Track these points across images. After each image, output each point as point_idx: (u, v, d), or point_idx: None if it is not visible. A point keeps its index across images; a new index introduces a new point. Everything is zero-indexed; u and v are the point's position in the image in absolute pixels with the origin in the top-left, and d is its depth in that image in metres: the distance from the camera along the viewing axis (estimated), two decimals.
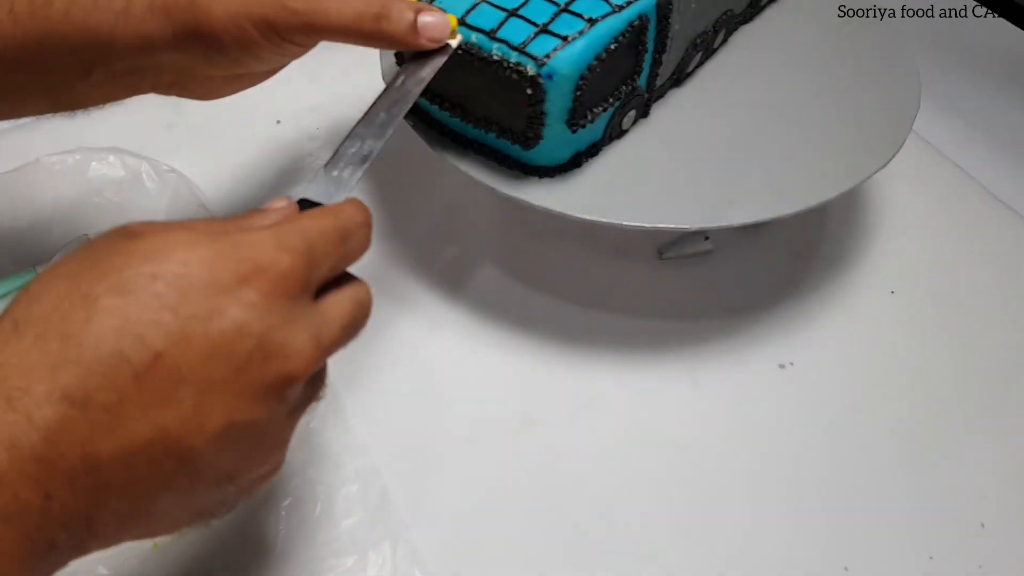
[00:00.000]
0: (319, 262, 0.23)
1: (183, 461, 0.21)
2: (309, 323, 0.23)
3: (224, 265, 0.21)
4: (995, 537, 0.36)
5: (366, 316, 0.26)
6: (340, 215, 0.25)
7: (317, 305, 0.24)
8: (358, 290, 0.26)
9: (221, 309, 0.21)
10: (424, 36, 0.31)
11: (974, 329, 0.44)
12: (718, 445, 0.39)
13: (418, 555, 0.34)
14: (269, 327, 0.21)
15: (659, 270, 0.45)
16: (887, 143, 0.39)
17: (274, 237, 0.23)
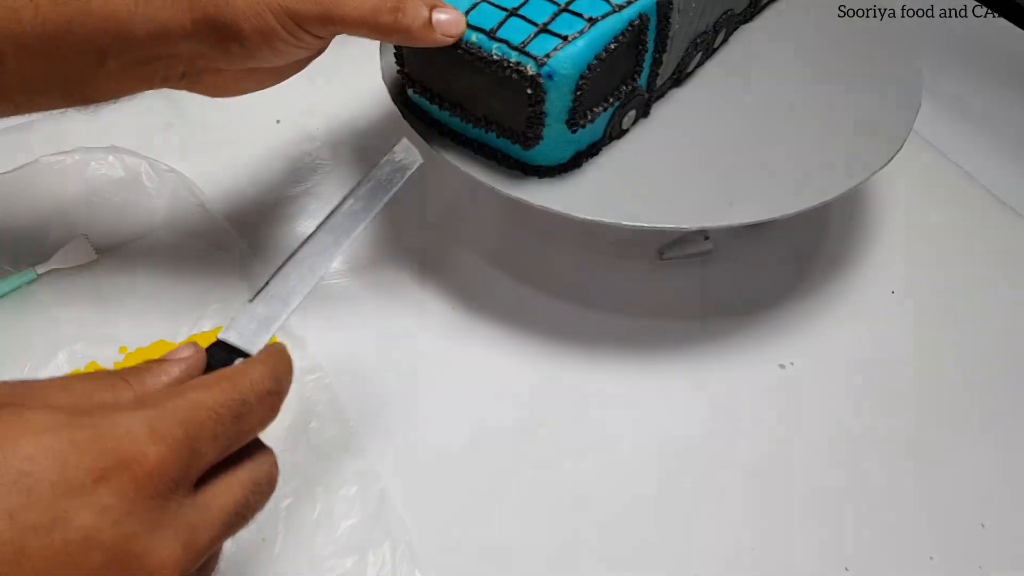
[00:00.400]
0: (203, 448, 0.21)
1: None
2: (180, 525, 0.20)
3: (78, 459, 0.18)
4: (996, 537, 0.36)
5: (264, 498, 0.23)
6: (240, 385, 0.22)
7: (196, 497, 0.21)
8: (259, 466, 0.23)
9: (66, 516, 0.18)
10: (439, 31, 0.32)
11: (975, 329, 0.44)
12: (718, 445, 0.39)
13: (417, 556, 0.34)
14: (126, 536, 0.19)
15: (659, 270, 0.45)
16: (888, 143, 0.39)
17: (147, 422, 0.20)
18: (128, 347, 0.40)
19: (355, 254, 0.45)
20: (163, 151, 0.46)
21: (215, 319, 0.41)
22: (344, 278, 0.44)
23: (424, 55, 0.35)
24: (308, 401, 0.38)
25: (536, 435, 0.38)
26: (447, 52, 0.34)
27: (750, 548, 0.35)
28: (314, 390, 0.39)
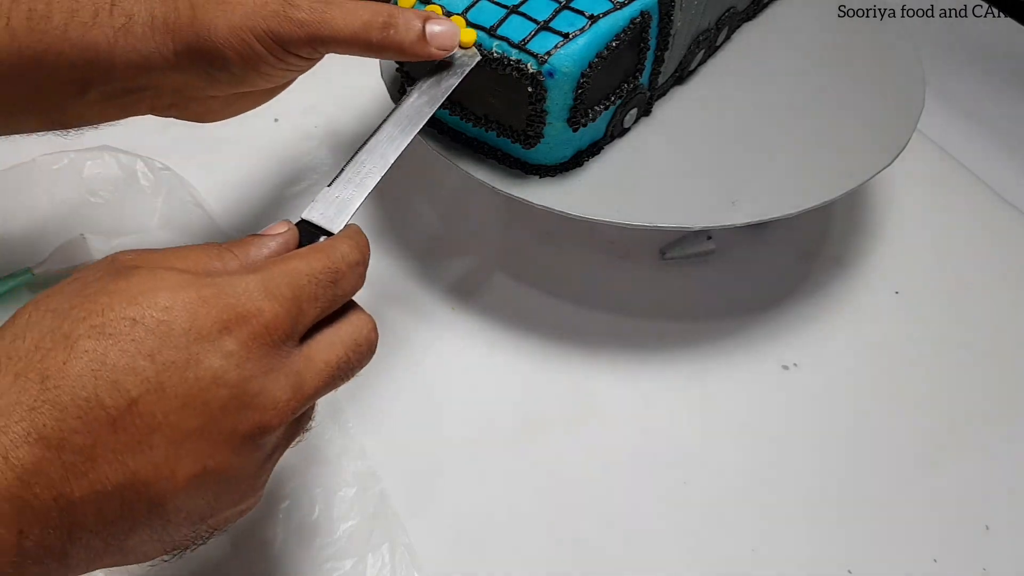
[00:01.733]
0: (306, 308, 0.23)
1: (154, 505, 0.21)
2: (290, 371, 0.23)
3: (206, 312, 0.21)
4: (999, 540, 0.36)
5: (363, 358, 0.26)
6: (332, 255, 0.25)
7: (303, 349, 0.23)
8: (357, 329, 0.25)
9: (198, 357, 0.21)
10: (433, 45, 0.30)
11: (979, 329, 0.44)
12: (721, 446, 0.38)
13: (416, 558, 0.33)
14: (246, 377, 0.21)
15: (661, 270, 0.45)
16: (892, 142, 0.39)
17: (261, 284, 0.22)
18: None
19: None
20: (161, 150, 0.46)
21: None
22: None
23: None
24: None
25: (536, 436, 0.38)
26: None
27: (753, 549, 0.35)
28: None
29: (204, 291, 0.21)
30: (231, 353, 0.21)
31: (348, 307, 0.26)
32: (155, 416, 0.20)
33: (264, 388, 0.22)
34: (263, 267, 0.23)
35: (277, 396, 0.22)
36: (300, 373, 0.23)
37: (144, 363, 0.20)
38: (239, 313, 0.22)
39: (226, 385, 0.21)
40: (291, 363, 0.23)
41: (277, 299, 0.22)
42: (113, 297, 0.21)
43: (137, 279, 0.21)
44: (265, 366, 0.22)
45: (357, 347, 0.25)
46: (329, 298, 0.24)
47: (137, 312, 0.21)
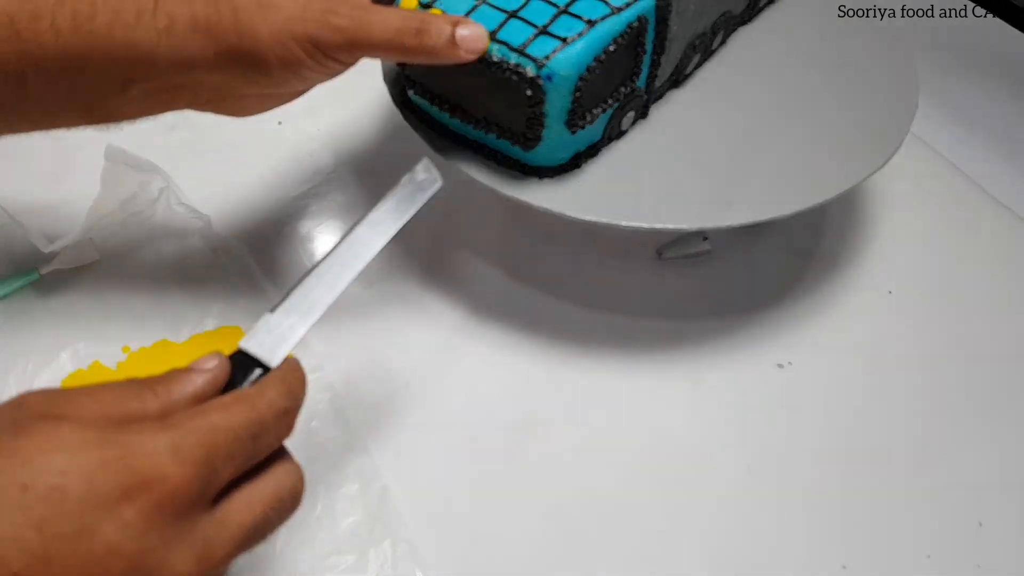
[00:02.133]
0: (220, 468, 0.22)
1: None
2: (196, 540, 0.21)
3: (105, 477, 0.20)
4: (993, 536, 0.36)
5: (284, 514, 0.24)
6: (257, 405, 0.23)
7: (215, 513, 0.22)
8: (280, 484, 0.23)
9: (92, 528, 0.19)
10: (463, 48, 0.31)
11: (972, 329, 0.44)
12: (717, 444, 0.39)
13: (418, 554, 0.34)
14: (144, 550, 0.20)
15: (658, 270, 0.46)
16: (885, 144, 0.39)
17: (170, 445, 0.21)
18: (131, 347, 0.40)
19: None
20: (165, 152, 0.46)
21: (218, 319, 0.41)
22: None
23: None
24: (310, 400, 0.38)
25: (536, 434, 0.39)
26: None
27: (747, 546, 0.35)
28: (315, 389, 0.39)
29: (106, 452, 0.20)
30: (129, 524, 0.20)
31: (274, 455, 0.24)
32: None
33: (164, 561, 0.20)
34: (177, 423, 0.22)
35: (179, 570, 0.20)
36: (208, 540, 0.21)
37: (30, 534, 0.19)
38: (142, 479, 0.20)
39: (121, 558, 0.20)
40: (198, 530, 0.21)
41: (187, 462, 0.21)
42: (8, 459, 0.20)
43: (36, 437, 0.20)
44: (166, 537, 0.20)
45: (279, 503, 0.23)
46: (248, 454, 0.23)
47: (29, 477, 0.19)
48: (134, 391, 0.22)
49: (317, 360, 0.40)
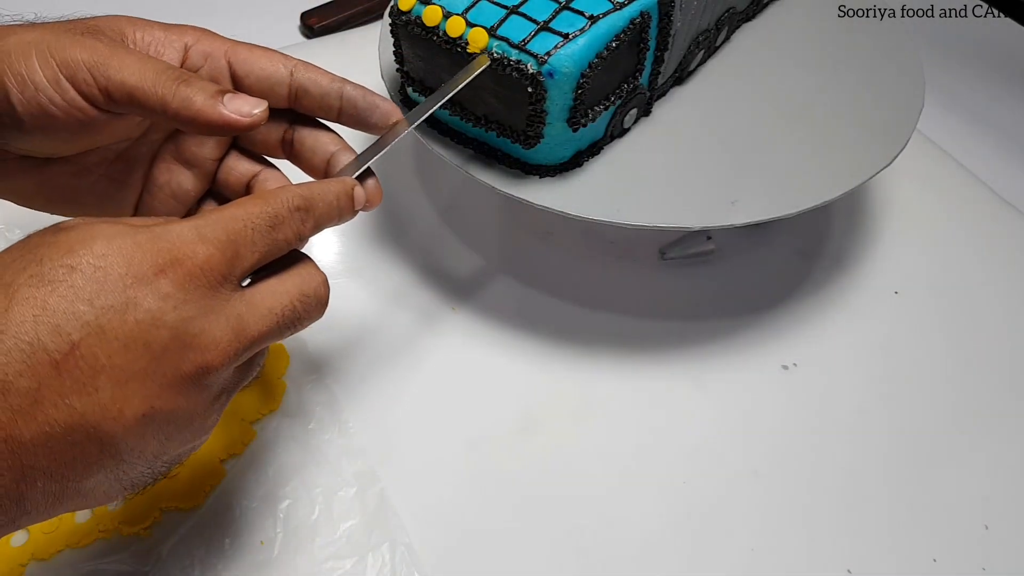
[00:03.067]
0: (243, 252, 0.24)
1: (104, 446, 0.21)
2: (231, 314, 0.23)
3: (141, 257, 0.22)
4: (998, 539, 0.36)
5: (312, 310, 0.26)
6: (271, 201, 0.25)
7: (244, 294, 0.24)
8: (305, 281, 0.25)
9: (136, 300, 0.21)
10: (229, 107, 0.26)
11: (979, 329, 0.44)
12: (721, 446, 0.38)
13: (416, 558, 0.33)
14: (185, 318, 0.22)
15: (661, 270, 0.45)
16: (891, 142, 0.39)
17: (194, 228, 0.23)
18: None
19: (355, 254, 0.45)
20: None
21: None
22: (344, 278, 0.44)
23: (424, 54, 0.35)
24: (307, 402, 0.38)
25: (536, 436, 0.38)
26: (447, 51, 0.34)
27: (752, 549, 0.35)
28: (313, 391, 0.38)
29: (138, 237, 0.22)
30: (168, 295, 0.22)
31: (298, 260, 0.26)
32: (98, 358, 0.21)
33: (204, 329, 0.22)
34: (199, 215, 0.24)
35: (218, 337, 0.22)
36: (242, 316, 0.23)
37: (83, 308, 0.21)
38: (173, 256, 0.22)
39: (165, 326, 0.21)
40: (231, 306, 0.23)
41: (211, 242, 0.23)
42: (51, 248, 0.21)
43: (75, 232, 0.22)
44: (203, 307, 0.22)
45: (304, 298, 0.25)
46: (268, 243, 0.24)
47: (74, 260, 0.21)
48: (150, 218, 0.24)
49: (315, 363, 0.40)
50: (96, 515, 0.34)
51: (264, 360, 0.26)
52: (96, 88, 0.26)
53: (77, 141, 0.28)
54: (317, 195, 0.26)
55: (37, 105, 0.26)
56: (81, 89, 0.26)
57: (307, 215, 0.26)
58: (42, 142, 0.27)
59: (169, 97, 0.26)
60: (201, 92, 0.26)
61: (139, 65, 0.26)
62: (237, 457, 0.36)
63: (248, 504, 0.35)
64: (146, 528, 0.34)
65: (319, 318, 0.26)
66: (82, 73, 0.26)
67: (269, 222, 0.24)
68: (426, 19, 0.34)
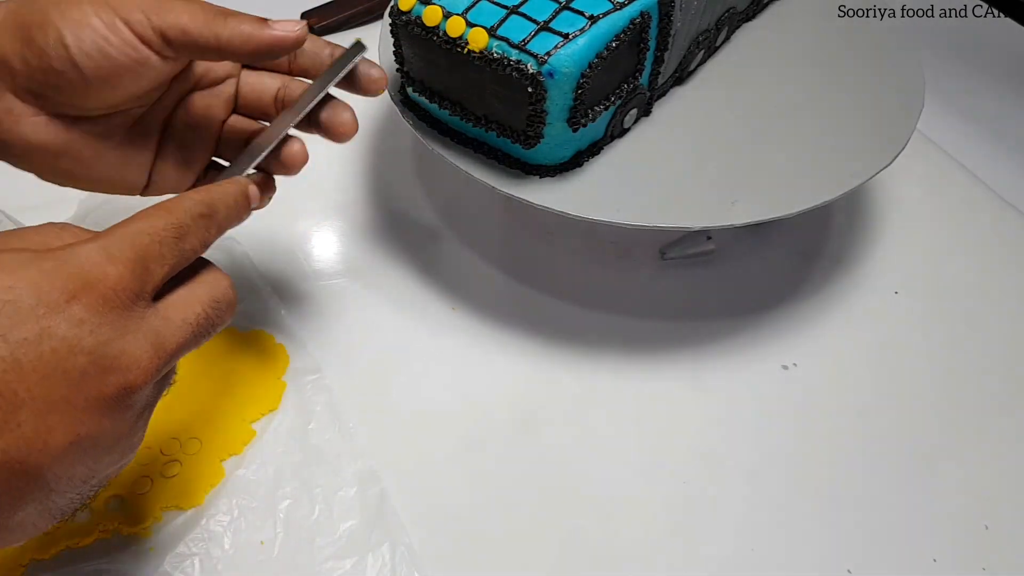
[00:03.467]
0: (153, 267, 0.23)
1: (32, 478, 0.21)
2: (148, 330, 0.23)
3: (50, 285, 0.21)
4: (999, 539, 0.36)
5: (224, 314, 0.26)
6: (175, 211, 0.25)
7: (158, 309, 0.24)
8: (213, 287, 0.26)
9: (50, 330, 0.21)
10: (276, 28, 0.29)
11: (979, 329, 0.44)
12: (721, 446, 0.38)
13: (417, 558, 0.33)
14: (101, 341, 0.22)
15: (661, 270, 0.45)
16: (891, 142, 0.39)
17: (101, 249, 0.22)
18: None
19: (355, 254, 0.45)
20: None
21: None
22: (344, 278, 0.44)
23: (424, 54, 0.35)
24: (307, 402, 0.38)
25: (536, 436, 0.38)
26: (447, 51, 0.34)
27: (752, 549, 0.35)
28: (313, 391, 0.38)
29: (45, 264, 0.22)
30: (82, 320, 0.21)
31: (202, 267, 0.26)
32: (17, 394, 0.20)
33: (123, 350, 0.22)
34: (104, 233, 0.23)
35: (138, 356, 0.22)
36: (159, 331, 0.23)
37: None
38: (83, 281, 0.22)
39: (83, 352, 0.21)
40: (147, 323, 0.23)
41: (119, 261, 0.22)
42: None
43: None
44: (120, 328, 0.22)
45: (215, 304, 0.25)
46: (176, 255, 0.24)
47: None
48: (54, 230, 0.24)
49: (315, 362, 0.40)
50: (96, 515, 0.34)
51: (175, 368, 0.26)
52: (151, 29, 0.28)
53: (123, 87, 0.29)
54: (218, 199, 0.26)
55: (94, 45, 0.27)
56: (136, 31, 0.28)
57: (210, 221, 0.26)
58: (87, 90, 0.28)
59: (221, 29, 0.28)
60: (248, 21, 0.29)
61: (188, 6, 0.28)
62: (237, 457, 0.36)
63: (248, 504, 0.35)
64: (146, 528, 0.34)
65: (231, 321, 0.26)
66: (136, 15, 0.27)
67: (175, 233, 0.24)
68: (426, 19, 0.34)
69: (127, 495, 0.34)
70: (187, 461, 0.36)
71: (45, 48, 0.27)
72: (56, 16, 0.27)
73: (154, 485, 0.35)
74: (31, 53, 0.27)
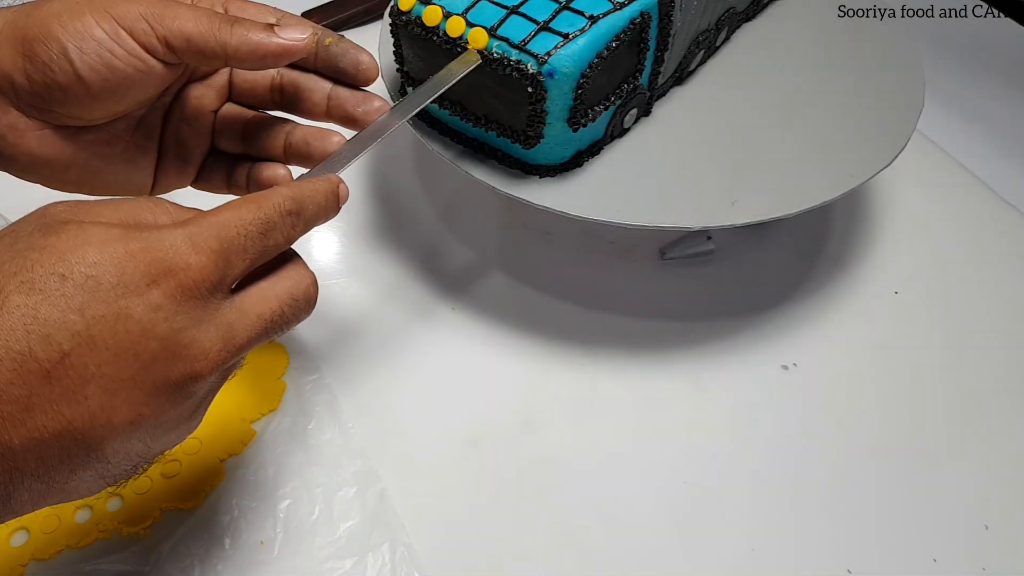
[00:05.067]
0: (234, 260, 0.23)
1: (92, 450, 0.22)
2: (220, 323, 0.23)
3: (134, 267, 0.22)
4: (999, 539, 0.36)
5: (300, 312, 0.26)
6: (264, 205, 0.24)
7: (235, 301, 0.24)
8: (295, 284, 0.25)
9: (127, 311, 0.21)
10: (283, 36, 0.29)
11: (978, 329, 0.44)
12: (721, 447, 0.38)
13: (416, 558, 0.33)
14: (175, 329, 0.22)
15: (661, 270, 0.45)
16: (891, 142, 0.39)
17: (187, 237, 0.23)
18: None
19: (355, 254, 0.45)
20: None
21: None
22: (344, 278, 0.44)
23: (424, 54, 0.35)
24: (307, 402, 0.38)
25: (536, 436, 0.38)
26: (447, 51, 0.34)
27: (752, 549, 0.35)
28: (313, 391, 0.38)
29: (131, 245, 0.22)
30: (159, 306, 0.22)
31: (288, 260, 0.26)
32: (88, 368, 0.21)
33: (194, 339, 0.22)
34: (192, 220, 0.23)
35: (207, 347, 0.23)
36: (231, 324, 0.23)
37: (74, 318, 0.21)
38: (166, 267, 0.22)
39: (156, 337, 0.22)
40: (221, 314, 0.23)
41: (204, 252, 0.23)
42: (42, 253, 0.21)
43: (66, 235, 0.22)
44: (194, 318, 0.22)
45: (293, 302, 0.25)
46: (259, 250, 0.24)
47: (66, 268, 0.21)
48: (148, 204, 0.24)
49: (314, 363, 0.40)
50: (96, 515, 0.34)
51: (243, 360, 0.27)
52: (155, 38, 0.27)
53: (128, 97, 0.29)
54: (307, 197, 0.26)
55: (98, 58, 0.27)
56: (140, 40, 0.27)
57: (297, 219, 0.25)
58: (92, 102, 0.28)
59: (227, 38, 0.28)
60: (254, 28, 0.28)
61: (192, 13, 0.28)
62: (237, 457, 0.36)
63: (248, 504, 0.35)
64: (146, 528, 0.34)
65: (307, 318, 0.26)
66: (140, 24, 0.27)
67: (261, 228, 0.24)
68: (426, 19, 0.34)
69: (127, 495, 0.34)
70: (187, 461, 0.36)
71: (49, 63, 0.27)
72: (58, 29, 0.27)
73: (154, 485, 0.35)
74: (34, 68, 0.27)
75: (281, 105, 0.33)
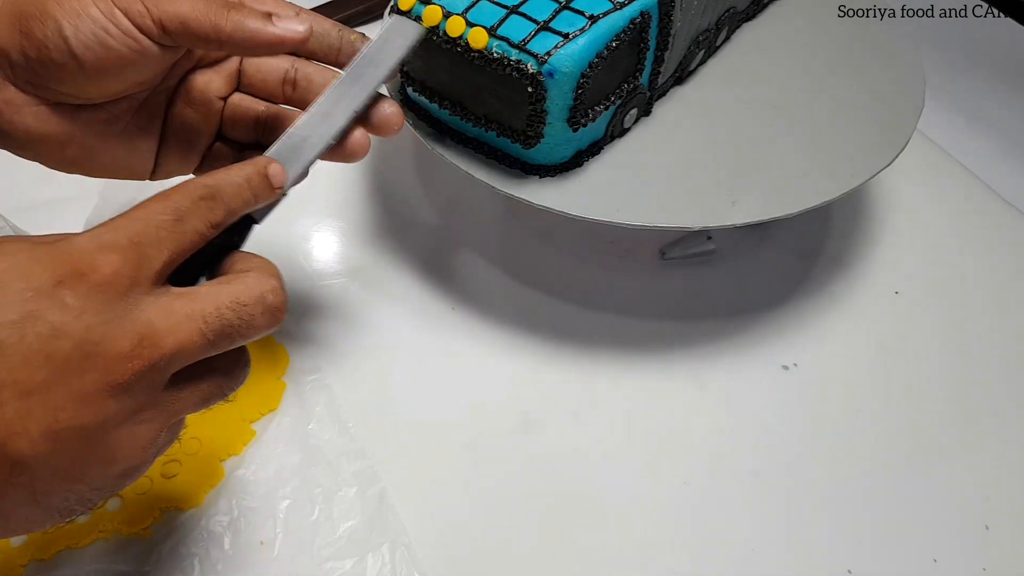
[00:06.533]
0: (150, 252, 0.23)
1: (13, 464, 0.21)
2: (136, 319, 0.22)
3: (40, 270, 0.21)
4: (999, 539, 0.36)
5: (256, 319, 0.24)
6: (172, 195, 0.24)
7: (160, 299, 0.23)
8: (246, 289, 0.24)
9: (35, 313, 0.21)
10: (279, 26, 0.28)
11: (979, 329, 0.44)
12: (721, 447, 0.38)
13: (416, 558, 0.33)
14: (87, 326, 0.21)
15: (661, 270, 0.45)
16: (891, 142, 0.39)
17: (93, 238, 0.22)
18: None
19: (355, 254, 0.45)
20: None
21: None
22: (344, 278, 0.44)
23: (424, 53, 0.35)
24: (307, 402, 0.38)
25: (536, 436, 0.38)
26: (447, 50, 0.34)
27: (752, 550, 0.35)
28: (313, 391, 0.38)
29: (38, 251, 0.21)
30: (69, 306, 0.21)
31: (254, 266, 0.25)
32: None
33: (106, 335, 0.21)
34: (102, 224, 0.23)
35: (121, 344, 0.21)
36: (150, 322, 0.22)
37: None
38: (74, 268, 0.21)
39: (67, 336, 0.21)
40: (140, 311, 0.22)
41: (112, 248, 0.22)
42: None
43: None
44: (107, 315, 0.21)
45: (238, 307, 0.23)
46: (176, 238, 0.23)
47: None
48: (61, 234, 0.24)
49: (314, 362, 0.40)
50: (96, 515, 0.34)
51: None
52: (150, 19, 0.27)
53: (123, 77, 0.28)
54: (222, 181, 0.25)
55: (93, 36, 0.27)
56: (136, 21, 0.27)
57: (214, 203, 0.25)
58: (87, 81, 0.28)
59: (222, 23, 0.27)
60: (252, 16, 0.28)
61: None
62: (237, 457, 0.36)
63: (248, 504, 0.35)
64: (146, 528, 0.34)
65: (270, 328, 0.25)
66: (136, 5, 0.27)
67: (172, 216, 0.23)
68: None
69: (127, 495, 0.34)
70: (187, 461, 0.36)
71: (44, 40, 0.27)
72: (54, 6, 0.26)
73: (154, 485, 0.35)
74: (30, 45, 0.27)
75: (291, 99, 0.32)
